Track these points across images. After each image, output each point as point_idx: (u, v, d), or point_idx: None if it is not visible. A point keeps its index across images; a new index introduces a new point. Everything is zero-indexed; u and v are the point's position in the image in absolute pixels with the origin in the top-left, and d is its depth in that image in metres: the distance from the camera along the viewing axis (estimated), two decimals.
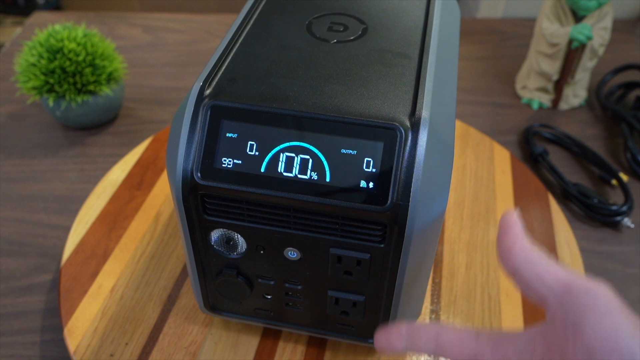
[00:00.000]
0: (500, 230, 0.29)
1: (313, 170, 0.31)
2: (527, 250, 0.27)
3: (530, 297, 0.27)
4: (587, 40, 0.66)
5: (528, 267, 0.27)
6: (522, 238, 0.28)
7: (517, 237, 0.28)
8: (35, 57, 0.61)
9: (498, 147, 0.64)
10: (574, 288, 0.25)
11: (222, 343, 0.45)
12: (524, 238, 0.28)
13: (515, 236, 0.28)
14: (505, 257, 0.28)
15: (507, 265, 0.28)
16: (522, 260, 0.27)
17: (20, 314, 0.49)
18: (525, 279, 0.27)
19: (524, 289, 0.27)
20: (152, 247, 0.52)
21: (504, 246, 0.28)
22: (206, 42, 0.87)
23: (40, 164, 0.64)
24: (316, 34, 0.38)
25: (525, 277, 0.27)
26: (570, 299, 0.25)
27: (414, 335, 0.30)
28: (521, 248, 0.27)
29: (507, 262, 0.28)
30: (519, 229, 0.28)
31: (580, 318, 0.24)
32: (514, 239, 0.28)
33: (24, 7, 2.13)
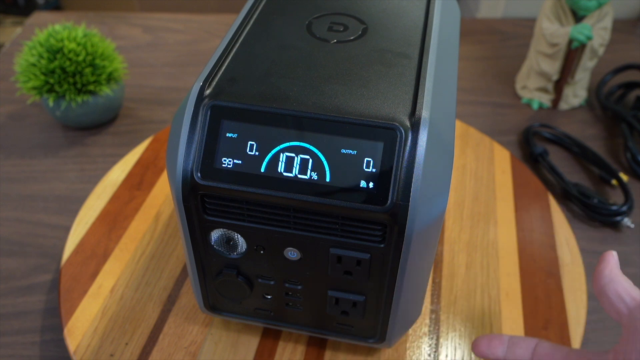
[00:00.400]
0: (600, 260, 0.33)
1: (313, 170, 0.31)
2: (614, 273, 0.32)
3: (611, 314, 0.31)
4: (587, 40, 0.66)
5: (612, 286, 0.31)
6: (613, 265, 0.32)
7: (609, 264, 0.32)
8: (35, 57, 0.61)
9: (498, 147, 0.64)
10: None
11: (222, 343, 0.45)
12: (615, 266, 0.32)
13: (608, 263, 0.33)
14: (597, 278, 0.32)
15: (596, 284, 0.32)
16: (608, 280, 0.32)
17: (20, 314, 0.49)
18: (608, 296, 0.31)
19: (606, 306, 0.31)
20: (152, 247, 0.52)
21: (598, 269, 0.33)
22: (206, 42, 0.87)
23: (40, 164, 0.64)
24: (316, 34, 0.38)
25: (609, 294, 0.31)
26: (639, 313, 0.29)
27: (515, 344, 0.35)
28: (610, 271, 0.32)
29: (596, 282, 0.32)
30: (613, 260, 0.33)
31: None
32: (606, 264, 0.32)
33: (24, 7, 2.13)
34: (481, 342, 0.36)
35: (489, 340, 0.36)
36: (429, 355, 0.44)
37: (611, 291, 0.31)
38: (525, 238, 0.54)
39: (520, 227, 0.55)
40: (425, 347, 0.45)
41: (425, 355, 0.44)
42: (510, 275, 0.50)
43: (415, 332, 0.46)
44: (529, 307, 0.48)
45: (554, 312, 0.47)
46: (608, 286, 0.31)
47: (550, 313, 0.47)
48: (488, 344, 0.36)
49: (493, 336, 0.36)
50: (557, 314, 0.47)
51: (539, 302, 0.48)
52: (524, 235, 0.54)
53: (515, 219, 0.56)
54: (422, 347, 0.45)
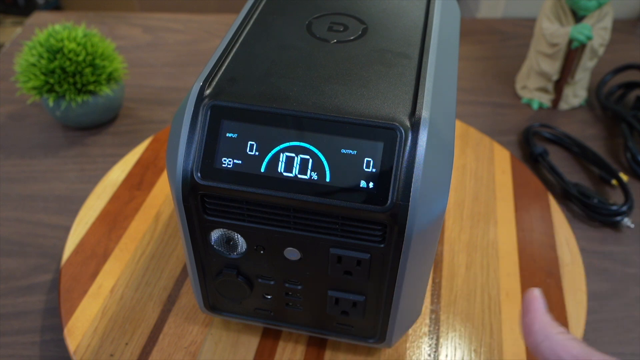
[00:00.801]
0: (522, 307, 0.30)
1: (313, 170, 0.31)
2: (546, 327, 0.28)
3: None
4: (587, 40, 0.66)
5: (547, 345, 0.28)
6: (542, 315, 0.29)
7: (537, 314, 0.29)
8: (35, 57, 0.61)
9: (498, 147, 0.64)
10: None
11: (222, 343, 0.45)
12: (544, 315, 0.29)
13: (536, 312, 0.29)
14: (527, 334, 0.29)
15: (529, 342, 0.29)
16: (542, 338, 0.28)
17: (20, 314, 0.49)
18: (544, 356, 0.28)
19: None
20: (152, 247, 0.52)
21: (525, 323, 0.29)
22: (206, 42, 0.87)
23: (40, 164, 0.64)
24: (316, 34, 0.38)
25: (545, 354, 0.28)
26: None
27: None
28: (540, 325, 0.29)
29: (528, 339, 0.29)
30: (540, 306, 0.29)
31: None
32: (534, 315, 0.29)
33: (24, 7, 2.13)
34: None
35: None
36: (429, 355, 0.44)
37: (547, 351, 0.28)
38: (525, 238, 0.54)
39: (520, 227, 0.55)
40: (425, 347, 0.45)
41: (425, 355, 0.44)
42: (510, 275, 0.50)
43: (415, 332, 0.46)
44: None
45: (554, 312, 0.47)
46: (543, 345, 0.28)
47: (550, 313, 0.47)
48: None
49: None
50: (557, 314, 0.47)
51: None
52: (524, 235, 0.54)
53: (515, 219, 0.56)
54: (422, 347, 0.45)
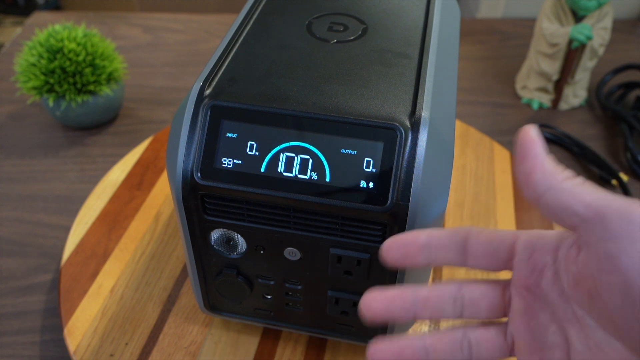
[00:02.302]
0: (517, 153, 0.24)
1: (313, 170, 0.31)
2: (549, 174, 0.23)
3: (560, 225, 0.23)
4: (587, 40, 0.66)
5: (552, 195, 0.23)
6: (542, 160, 0.23)
7: (536, 160, 0.23)
8: (35, 57, 0.61)
9: (498, 147, 0.64)
10: (607, 213, 0.21)
11: (222, 343, 0.45)
12: (544, 160, 0.23)
13: (535, 158, 0.23)
14: (526, 185, 0.24)
15: (529, 194, 0.24)
16: (544, 188, 0.23)
17: (20, 314, 0.49)
18: (551, 208, 0.23)
19: (552, 218, 0.23)
20: (152, 247, 0.52)
21: (524, 172, 0.24)
22: (206, 42, 0.87)
23: (40, 164, 0.64)
24: (316, 34, 0.38)
25: (551, 206, 0.23)
26: (602, 226, 0.21)
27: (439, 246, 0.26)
28: (542, 173, 0.23)
29: (528, 191, 0.24)
30: (538, 150, 0.24)
31: (615, 249, 0.21)
32: (533, 162, 0.23)
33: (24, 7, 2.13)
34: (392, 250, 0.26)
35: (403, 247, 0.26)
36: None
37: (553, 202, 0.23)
38: None
39: (520, 227, 0.55)
40: None
41: None
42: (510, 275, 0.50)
43: (415, 332, 0.46)
44: None
45: None
46: (547, 196, 0.23)
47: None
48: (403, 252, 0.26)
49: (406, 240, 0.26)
50: None
51: None
52: None
53: (515, 219, 0.56)
54: None
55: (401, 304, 0.26)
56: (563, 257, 0.24)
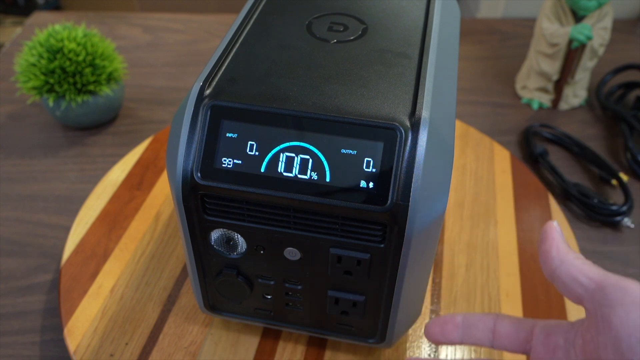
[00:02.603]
0: (541, 237, 0.30)
1: (313, 170, 0.31)
2: (563, 253, 0.29)
3: (569, 298, 0.28)
4: (587, 40, 0.66)
5: (564, 269, 0.28)
6: (559, 242, 0.29)
7: (554, 242, 0.29)
8: (35, 57, 0.61)
9: (498, 147, 0.64)
10: (606, 285, 0.26)
11: (222, 343, 0.45)
12: (561, 242, 0.29)
13: (553, 240, 0.29)
14: (544, 261, 0.29)
15: (546, 268, 0.29)
16: (558, 263, 0.29)
17: (20, 314, 0.49)
18: (562, 280, 0.28)
19: (563, 291, 0.29)
20: (152, 247, 0.52)
21: (543, 250, 0.30)
22: (206, 42, 0.87)
23: (40, 164, 0.64)
24: (316, 34, 0.38)
25: (562, 278, 0.28)
26: (601, 295, 0.26)
27: (472, 325, 0.31)
28: (557, 251, 0.29)
29: (545, 265, 0.29)
30: (557, 235, 0.30)
31: (610, 311, 0.25)
32: (551, 242, 0.29)
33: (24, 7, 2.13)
34: (434, 328, 0.33)
35: (442, 325, 0.32)
36: (429, 355, 0.44)
37: (564, 275, 0.28)
38: (525, 238, 0.54)
39: (520, 227, 0.55)
40: (425, 347, 0.45)
41: (425, 356, 0.44)
42: (510, 276, 0.50)
43: (415, 332, 0.46)
44: (529, 307, 0.48)
45: (554, 312, 0.47)
46: (560, 270, 0.28)
47: (550, 313, 0.47)
48: (441, 328, 0.32)
49: (445, 319, 0.32)
50: (557, 314, 0.47)
51: (539, 302, 0.48)
52: (524, 235, 0.54)
53: (515, 219, 0.56)
54: (422, 347, 0.45)
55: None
56: (572, 338, 0.28)
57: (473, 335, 0.31)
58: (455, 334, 0.32)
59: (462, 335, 0.32)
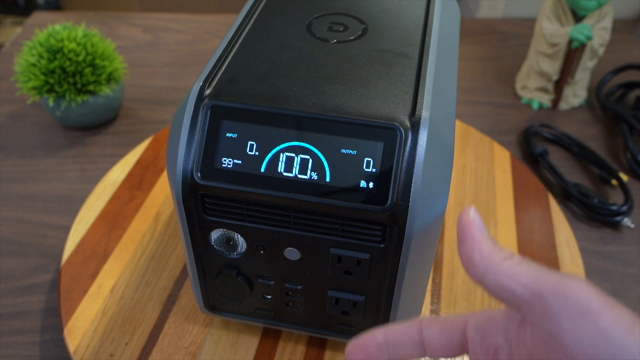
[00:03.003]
0: (458, 234, 0.25)
1: (313, 170, 0.31)
2: (486, 257, 0.24)
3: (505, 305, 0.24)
4: (587, 40, 0.66)
5: (491, 279, 0.24)
6: (480, 242, 0.24)
7: (475, 242, 0.24)
8: (35, 57, 0.61)
9: (498, 147, 0.64)
10: (543, 293, 0.22)
11: (222, 343, 0.45)
12: (482, 242, 0.24)
13: (473, 241, 0.24)
14: (467, 267, 0.25)
15: (471, 275, 0.25)
16: (484, 272, 0.24)
17: (20, 314, 0.49)
18: (492, 290, 0.24)
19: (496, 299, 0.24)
20: (152, 247, 0.52)
21: (464, 254, 0.25)
22: (206, 42, 0.87)
23: (40, 164, 0.64)
24: (316, 34, 0.38)
25: (492, 288, 0.24)
26: (541, 307, 0.22)
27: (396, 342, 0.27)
28: (480, 256, 0.24)
29: (469, 273, 0.25)
30: (477, 231, 0.25)
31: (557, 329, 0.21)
32: (471, 244, 0.24)
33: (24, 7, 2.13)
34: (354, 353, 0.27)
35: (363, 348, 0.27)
36: None
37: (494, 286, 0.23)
38: (525, 238, 0.54)
39: (520, 227, 0.55)
40: None
41: None
42: None
43: None
44: None
45: None
46: (487, 280, 0.24)
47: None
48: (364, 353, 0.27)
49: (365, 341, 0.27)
50: None
51: None
52: (524, 235, 0.54)
53: (515, 219, 0.56)
54: None
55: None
56: (513, 336, 0.24)
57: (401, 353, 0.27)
58: (381, 355, 0.27)
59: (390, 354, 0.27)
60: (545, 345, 0.22)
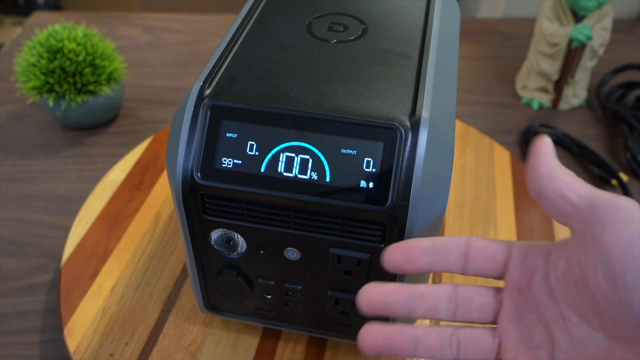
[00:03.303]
0: (530, 151, 0.27)
1: (313, 170, 0.31)
2: (552, 168, 0.26)
3: (556, 218, 0.26)
4: (587, 40, 0.66)
5: (552, 185, 0.25)
6: (549, 158, 0.26)
7: (544, 157, 0.26)
8: (35, 57, 0.61)
9: (498, 147, 0.64)
10: (597, 202, 0.24)
11: (222, 343, 0.45)
12: (551, 158, 0.26)
13: (544, 156, 0.26)
14: (531, 177, 0.26)
15: (533, 185, 0.26)
16: (546, 179, 0.26)
17: (20, 314, 0.49)
18: (549, 197, 0.25)
19: (549, 209, 0.26)
20: (152, 247, 0.52)
21: (532, 165, 0.26)
22: (206, 42, 0.87)
23: (40, 164, 0.64)
24: (316, 34, 0.38)
25: (549, 195, 0.25)
26: (592, 213, 0.24)
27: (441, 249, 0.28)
28: (547, 166, 0.26)
29: (532, 182, 0.26)
30: (549, 151, 0.27)
31: (601, 229, 0.23)
32: (541, 158, 0.26)
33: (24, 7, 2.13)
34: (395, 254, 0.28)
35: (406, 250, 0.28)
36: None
37: (552, 191, 0.25)
38: (525, 238, 0.54)
39: (520, 227, 0.55)
40: None
41: None
42: None
43: None
44: None
45: None
46: (548, 186, 0.25)
47: None
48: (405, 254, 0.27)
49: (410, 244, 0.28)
50: None
51: None
52: (524, 235, 0.54)
53: (515, 219, 0.56)
54: None
55: (397, 297, 0.28)
56: (554, 259, 0.26)
57: (443, 261, 0.28)
58: (423, 260, 0.27)
59: (430, 261, 0.28)
60: (584, 248, 0.23)
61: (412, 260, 0.28)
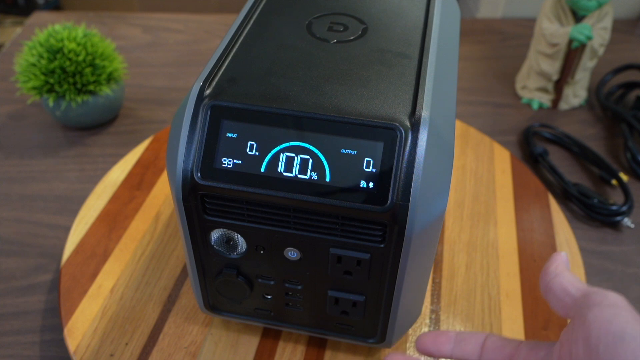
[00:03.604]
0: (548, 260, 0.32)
1: (313, 170, 0.31)
2: (560, 269, 0.31)
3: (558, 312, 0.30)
4: (587, 40, 0.66)
5: (557, 280, 0.30)
6: (561, 263, 0.31)
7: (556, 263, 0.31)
8: (35, 57, 0.61)
9: (498, 147, 0.64)
10: (589, 292, 0.28)
11: (222, 343, 0.45)
12: (562, 264, 0.31)
13: (556, 261, 0.31)
14: (542, 275, 0.32)
15: (542, 281, 0.31)
16: (553, 275, 0.31)
17: (20, 314, 0.49)
18: (553, 291, 0.30)
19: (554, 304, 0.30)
20: (152, 247, 0.52)
21: (545, 268, 0.32)
22: (206, 42, 0.87)
23: (40, 164, 0.64)
24: (316, 34, 0.38)
25: (554, 289, 0.30)
26: (584, 299, 0.28)
27: (463, 340, 0.33)
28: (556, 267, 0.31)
29: (542, 279, 0.31)
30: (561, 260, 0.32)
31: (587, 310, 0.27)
32: (554, 263, 0.31)
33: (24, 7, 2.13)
34: (426, 338, 0.34)
35: (435, 337, 0.34)
36: None
37: (556, 285, 0.30)
38: (525, 238, 0.54)
39: (520, 227, 0.55)
40: None
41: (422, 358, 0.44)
42: (510, 275, 0.50)
43: (415, 332, 0.46)
44: (529, 307, 0.48)
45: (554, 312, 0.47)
46: (553, 281, 0.30)
47: (550, 313, 0.47)
48: (434, 340, 0.34)
49: (439, 333, 0.34)
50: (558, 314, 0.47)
51: (539, 302, 0.48)
52: (524, 235, 0.54)
53: (515, 219, 0.56)
54: None
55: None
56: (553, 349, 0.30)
57: (463, 349, 0.33)
58: (447, 346, 0.33)
59: (453, 349, 0.33)
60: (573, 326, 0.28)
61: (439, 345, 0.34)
